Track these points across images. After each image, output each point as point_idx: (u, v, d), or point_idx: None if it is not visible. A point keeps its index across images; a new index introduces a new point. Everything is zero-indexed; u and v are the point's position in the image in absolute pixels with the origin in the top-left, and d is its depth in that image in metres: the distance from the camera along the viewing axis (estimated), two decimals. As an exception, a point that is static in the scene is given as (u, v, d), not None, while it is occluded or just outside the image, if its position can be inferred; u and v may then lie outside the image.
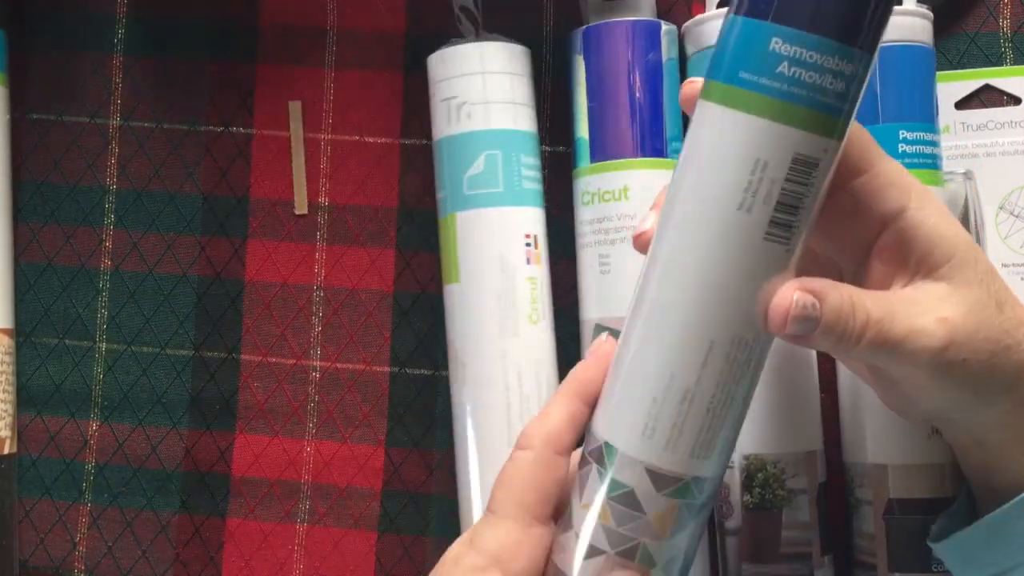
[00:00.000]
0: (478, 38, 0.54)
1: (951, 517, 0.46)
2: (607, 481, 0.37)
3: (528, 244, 0.53)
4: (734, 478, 0.50)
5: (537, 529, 0.38)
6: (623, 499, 0.37)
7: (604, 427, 0.37)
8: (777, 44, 0.34)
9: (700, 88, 0.37)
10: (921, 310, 0.38)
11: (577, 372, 0.40)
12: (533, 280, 0.52)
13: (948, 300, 0.38)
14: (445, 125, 0.54)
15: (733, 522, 0.50)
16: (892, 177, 0.39)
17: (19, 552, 0.59)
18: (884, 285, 0.39)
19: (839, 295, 0.36)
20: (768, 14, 0.34)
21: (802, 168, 0.35)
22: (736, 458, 0.50)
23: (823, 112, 0.34)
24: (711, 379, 0.36)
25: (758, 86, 0.34)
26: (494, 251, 0.52)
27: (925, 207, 0.39)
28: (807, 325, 0.36)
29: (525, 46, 0.55)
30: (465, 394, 0.53)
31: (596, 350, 0.40)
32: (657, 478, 0.36)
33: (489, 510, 0.39)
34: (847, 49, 0.34)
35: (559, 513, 0.40)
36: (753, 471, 0.50)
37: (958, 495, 0.47)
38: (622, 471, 0.36)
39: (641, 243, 0.39)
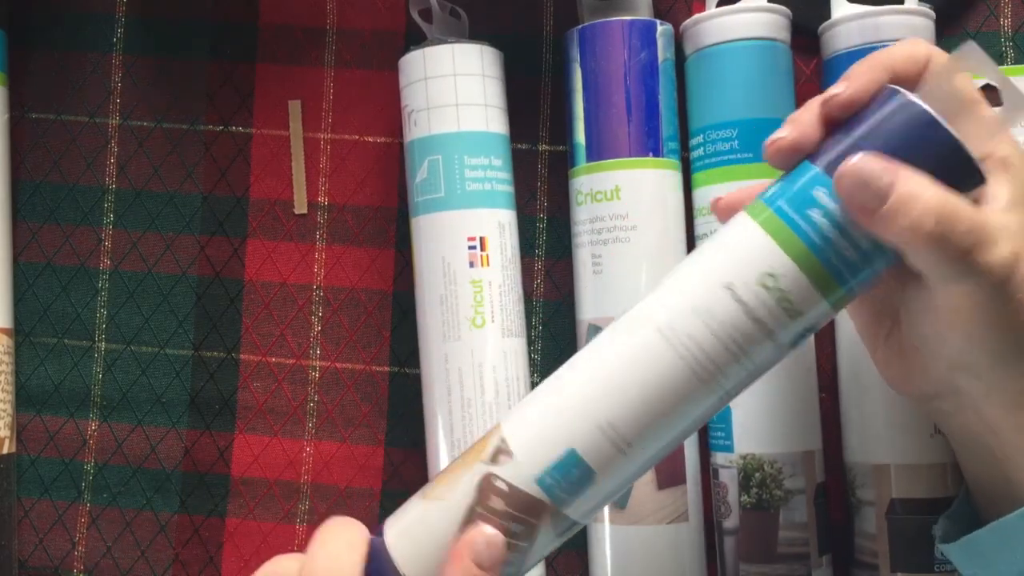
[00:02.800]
0: (439, 41, 0.54)
1: (952, 518, 0.46)
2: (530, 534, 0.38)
3: (473, 247, 0.52)
4: (732, 478, 0.50)
5: None
6: (521, 533, 0.38)
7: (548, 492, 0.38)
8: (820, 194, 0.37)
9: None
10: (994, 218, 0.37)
11: None
12: (478, 283, 0.52)
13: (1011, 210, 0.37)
14: (407, 133, 0.55)
15: (731, 522, 0.50)
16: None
17: (18, 552, 0.59)
18: None
19: (908, 176, 0.36)
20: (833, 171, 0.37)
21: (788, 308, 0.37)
22: (733, 458, 0.50)
23: (829, 271, 0.37)
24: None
25: (793, 222, 0.37)
26: (437, 256, 0.53)
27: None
28: (866, 195, 0.36)
29: (493, 46, 0.54)
30: (424, 397, 0.54)
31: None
32: (558, 521, 0.38)
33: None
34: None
35: None
36: (750, 471, 0.50)
37: (957, 496, 0.47)
38: (546, 524, 0.38)
39: (720, 208, 0.43)
